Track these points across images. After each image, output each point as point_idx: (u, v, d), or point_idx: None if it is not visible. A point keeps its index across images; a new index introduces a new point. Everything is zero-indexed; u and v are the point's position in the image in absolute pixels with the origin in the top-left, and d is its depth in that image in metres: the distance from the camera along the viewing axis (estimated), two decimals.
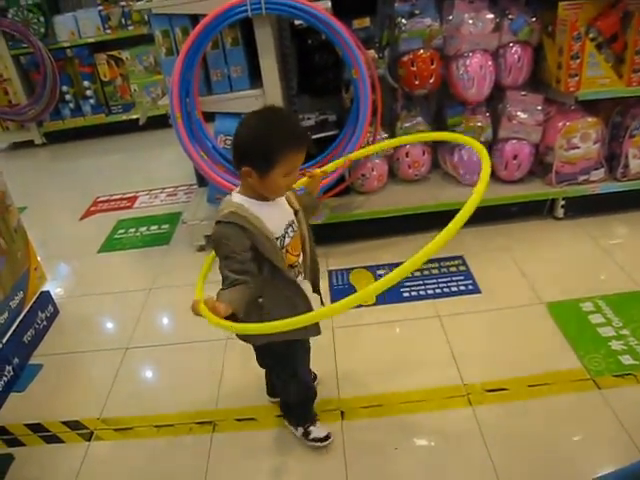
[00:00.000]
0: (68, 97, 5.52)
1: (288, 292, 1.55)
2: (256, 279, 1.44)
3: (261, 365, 1.87)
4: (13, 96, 5.44)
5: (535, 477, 1.68)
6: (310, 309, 1.57)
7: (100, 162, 5.19)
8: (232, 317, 1.35)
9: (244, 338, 1.68)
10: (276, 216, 1.50)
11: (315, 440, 1.84)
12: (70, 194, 4.43)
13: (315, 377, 2.04)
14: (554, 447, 1.76)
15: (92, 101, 5.55)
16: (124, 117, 5.58)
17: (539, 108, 2.82)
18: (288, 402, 1.90)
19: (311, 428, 1.84)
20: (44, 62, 5.06)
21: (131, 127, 5.42)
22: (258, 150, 1.38)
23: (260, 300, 1.52)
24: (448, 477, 1.71)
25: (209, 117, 2.81)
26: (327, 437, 1.83)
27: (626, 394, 1.89)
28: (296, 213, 1.58)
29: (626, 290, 2.39)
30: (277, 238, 1.48)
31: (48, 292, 2.75)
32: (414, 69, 2.77)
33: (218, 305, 1.31)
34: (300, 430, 1.86)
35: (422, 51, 2.76)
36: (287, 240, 1.52)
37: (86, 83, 5.48)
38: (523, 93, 2.84)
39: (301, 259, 1.62)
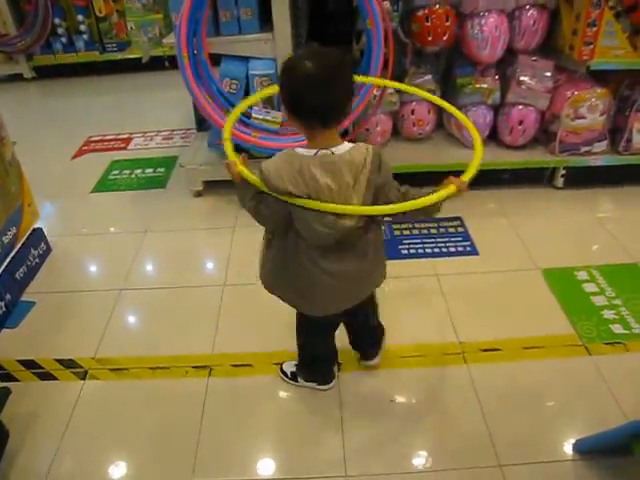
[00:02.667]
0: (60, 31, 5.29)
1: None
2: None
3: None
4: (2, 26, 5.18)
5: (522, 435, 1.72)
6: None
7: (92, 101, 5.03)
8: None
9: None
10: None
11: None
12: (61, 132, 4.31)
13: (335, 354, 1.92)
14: (543, 407, 1.82)
15: (85, 37, 5.33)
16: (119, 56, 5.36)
17: (548, 74, 2.78)
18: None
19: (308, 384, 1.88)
20: None
21: (126, 67, 5.25)
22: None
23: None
24: (441, 429, 1.75)
25: (215, 61, 2.73)
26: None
27: (615, 361, 1.95)
28: None
29: (620, 262, 2.44)
30: None
31: (41, 229, 2.70)
32: (428, 25, 2.71)
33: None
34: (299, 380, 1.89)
35: (438, 6, 2.69)
36: None
37: (80, 17, 5.24)
38: (534, 58, 2.80)
39: None
